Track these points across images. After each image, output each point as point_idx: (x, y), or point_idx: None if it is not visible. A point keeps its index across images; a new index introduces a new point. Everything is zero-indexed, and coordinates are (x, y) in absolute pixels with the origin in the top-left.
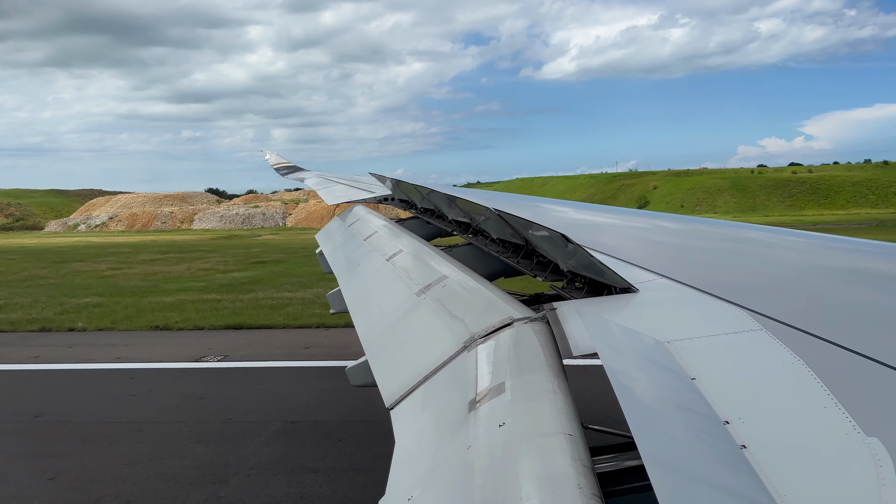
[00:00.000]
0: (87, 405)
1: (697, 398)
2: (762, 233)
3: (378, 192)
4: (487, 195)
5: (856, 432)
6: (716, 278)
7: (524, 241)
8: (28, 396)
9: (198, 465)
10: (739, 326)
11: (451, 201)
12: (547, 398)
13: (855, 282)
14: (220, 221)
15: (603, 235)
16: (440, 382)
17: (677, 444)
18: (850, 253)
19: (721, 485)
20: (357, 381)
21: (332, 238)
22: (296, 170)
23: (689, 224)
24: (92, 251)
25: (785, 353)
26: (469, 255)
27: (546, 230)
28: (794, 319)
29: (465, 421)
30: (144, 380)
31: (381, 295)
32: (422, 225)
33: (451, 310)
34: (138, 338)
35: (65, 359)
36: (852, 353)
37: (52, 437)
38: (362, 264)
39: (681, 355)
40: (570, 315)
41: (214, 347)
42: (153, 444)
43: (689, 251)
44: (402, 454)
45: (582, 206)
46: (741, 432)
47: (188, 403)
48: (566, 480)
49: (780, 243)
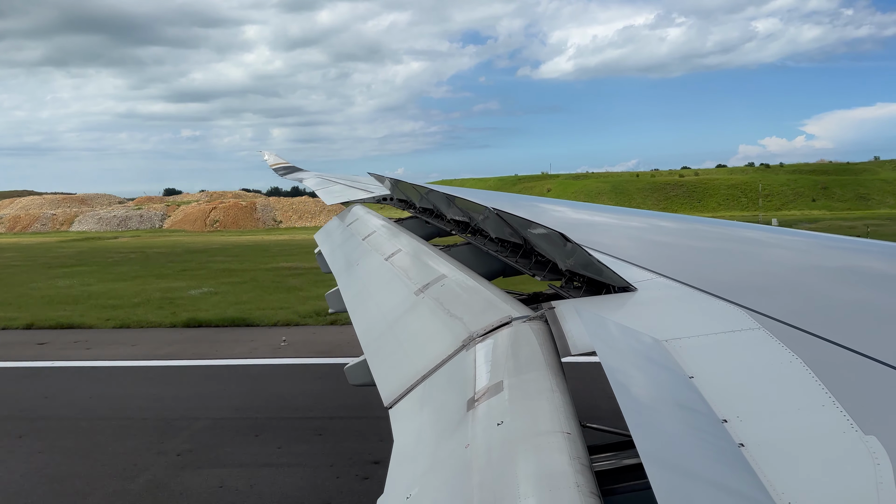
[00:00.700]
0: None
1: (695, 396)
2: (760, 232)
3: (377, 192)
4: (484, 195)
5: (853, 431)
6: (714, 277)
7: (523, 240)
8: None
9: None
10: (737, 325)
11: (449, 201)
12: (545, 397)
13: (853, 281)
14: (97, 224)
15: (601, 235)
16: (439, 381)
17: (675, 442)
18: (848, 252)
19: (719, 483)
20: (356, 380)
21: (331, 238)
22: (294, 170)
23: (687, 223)
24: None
25: (783, 351)
26: (467, 254)
27: (545, 229)
28: (791, 318)
29: (464, 420)
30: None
31: (379, 294)
32: (420, 224)
33: (449, 309)
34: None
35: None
36: (850, 351)
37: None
38: (361, 264)
39: (679, 354)
40: (568, 314)
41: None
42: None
43: (687, 250)
44: (401, 453)
45: (580, 206)
46: (739, 431)
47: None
48: (564, 479)
49: (778, 242)
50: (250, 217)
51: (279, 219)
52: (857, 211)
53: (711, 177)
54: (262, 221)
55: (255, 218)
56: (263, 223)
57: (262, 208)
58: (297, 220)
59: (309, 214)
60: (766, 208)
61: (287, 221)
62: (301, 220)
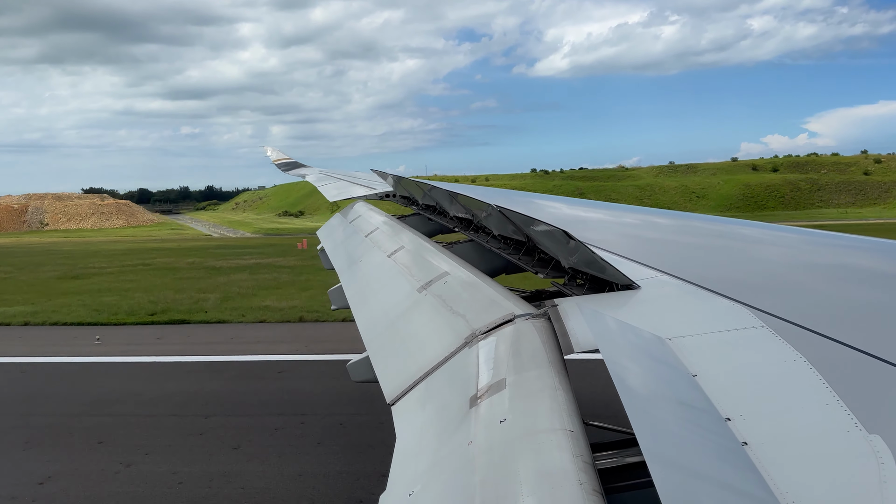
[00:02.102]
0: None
1: (699, 395)
2: (763, 230)
3: (379, 189)
4: (485, 191)
5: (857, 430)
6: (717, 275)
7: (525, 237)
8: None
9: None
10: (741, 323)
11: (452, 198)
12: (548, 394)
13: (856, 279)
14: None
15: (604, 232)
16: (441, 378)
17: (678, 440)
18: (851, 250)
19: (722, 481)
20: (358, 376)
21: (334, 234)
22: (297, 166)
23: (690, 221)
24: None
25: (787, 350)
26: (470, 251)
27: (548, 227)
28: (795, 316)
29: (466, 417)
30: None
31: (382, 291)
32: (423, 221)
33: (452, 306)
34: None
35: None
36: (854, 350)
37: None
38: (363, 260)
39: (682, 352)
40: (571, 311)
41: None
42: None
43: (691, 248)
44: (403, 450)
45: (582, 203)
46: (742, 429)
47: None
48: (567, 476)
49: (782, 240)
50: (17, 220)
51: (46, 221)
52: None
53: (505, 183)
54: (28, 224)
55: (21, 221)
56: (29, 226)
57: (33, 211)
58: (65, 222)
59: (79, 217)
60: None
61: (55, 224)
62: (70, 222)
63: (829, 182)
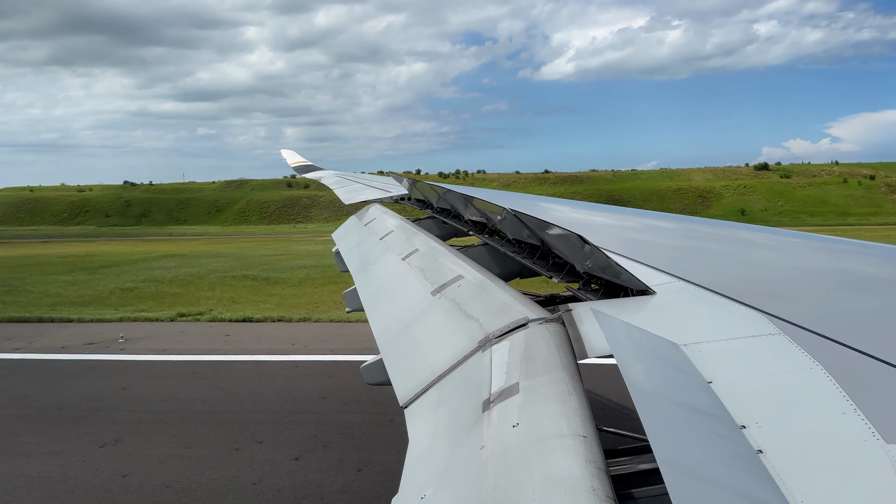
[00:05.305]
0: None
1: (714, 402)
2: (780, 236)
3: (394, 192)
4: (498, 195)
5: (875, 439)
6: (733, 281)
7: (540, 241)
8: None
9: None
10: (757, 330)
11: (466, 201)
12: (561, 399)
13: (874, 286)
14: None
15: (618, 237)
16: (454, 382)
17: (693, 447)
18: (869, 257)
19: (736, 489)
20: (371, 379)
21: (349, 237)
22: (313, 169)
23: (705, 226)
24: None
25: (803, 357)
26: (484, 255)
27: (562, 231)
28: (812, 324)
29: (479, 421)
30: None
31: (396, 294)
32: (437, 225)
33: (465, 309)
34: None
35: None
36: (872, 358)
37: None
38: (378, 263)
39: (697, 358)
40: (585, 316)
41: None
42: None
43: (706, 254)
44: (416, 453)
45: (598, 208)
46: (758, 437)
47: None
48: (580, 482)
49: (798, 246)
50: None
51: None
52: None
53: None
54: None
55: None
56: None
57: None
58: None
59: None
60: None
61: None
62: None
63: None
